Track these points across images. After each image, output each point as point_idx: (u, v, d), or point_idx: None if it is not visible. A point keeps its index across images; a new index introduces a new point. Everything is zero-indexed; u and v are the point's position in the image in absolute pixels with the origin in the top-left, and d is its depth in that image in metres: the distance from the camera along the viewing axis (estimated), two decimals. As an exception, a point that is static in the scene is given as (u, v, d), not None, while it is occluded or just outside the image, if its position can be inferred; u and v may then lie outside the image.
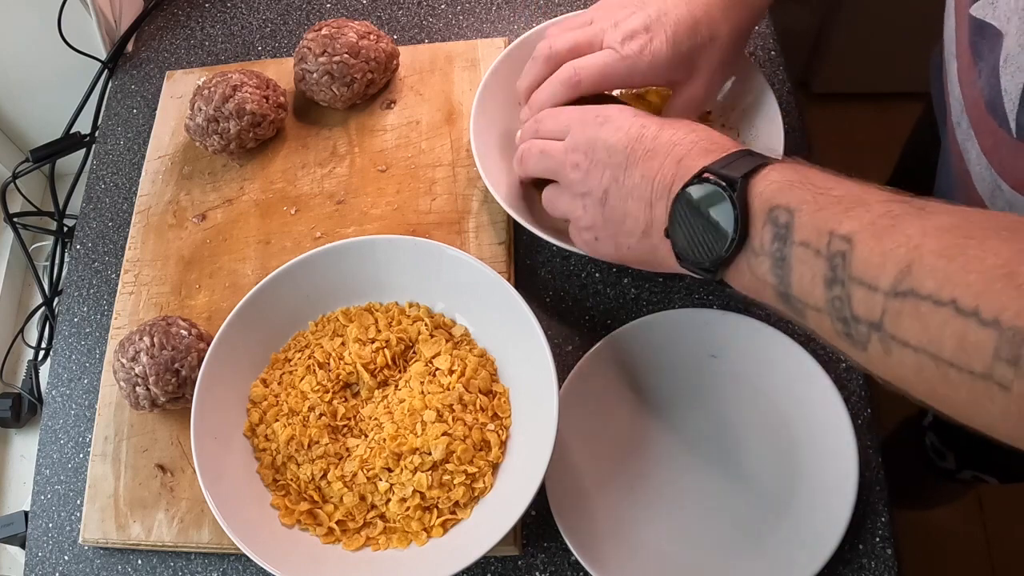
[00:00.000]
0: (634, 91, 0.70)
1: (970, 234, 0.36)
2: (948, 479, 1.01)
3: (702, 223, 0.46)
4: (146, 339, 0.64)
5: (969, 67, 0.51)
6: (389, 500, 0.57)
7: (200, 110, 0.75)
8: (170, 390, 0.63)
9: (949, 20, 0.56)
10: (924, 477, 1.05)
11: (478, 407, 0.59)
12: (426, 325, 0.63)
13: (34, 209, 0.96)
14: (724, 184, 0.45)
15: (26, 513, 0.69)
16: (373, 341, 0.63)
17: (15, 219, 0.91)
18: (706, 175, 0.46)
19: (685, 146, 0.50)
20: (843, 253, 0.39)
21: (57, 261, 0.91)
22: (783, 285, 0.43)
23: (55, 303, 0.89)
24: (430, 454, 0.57)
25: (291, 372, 0.63)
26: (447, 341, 0.62)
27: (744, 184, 0.45)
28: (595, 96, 0.61)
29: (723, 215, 0.45)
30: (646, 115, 0.54)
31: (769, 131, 0.68)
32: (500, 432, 0.58)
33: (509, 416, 0.60)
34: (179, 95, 0.83)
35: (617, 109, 0.55)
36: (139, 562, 0.64)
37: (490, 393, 0.61)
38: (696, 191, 0.47)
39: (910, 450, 1.02)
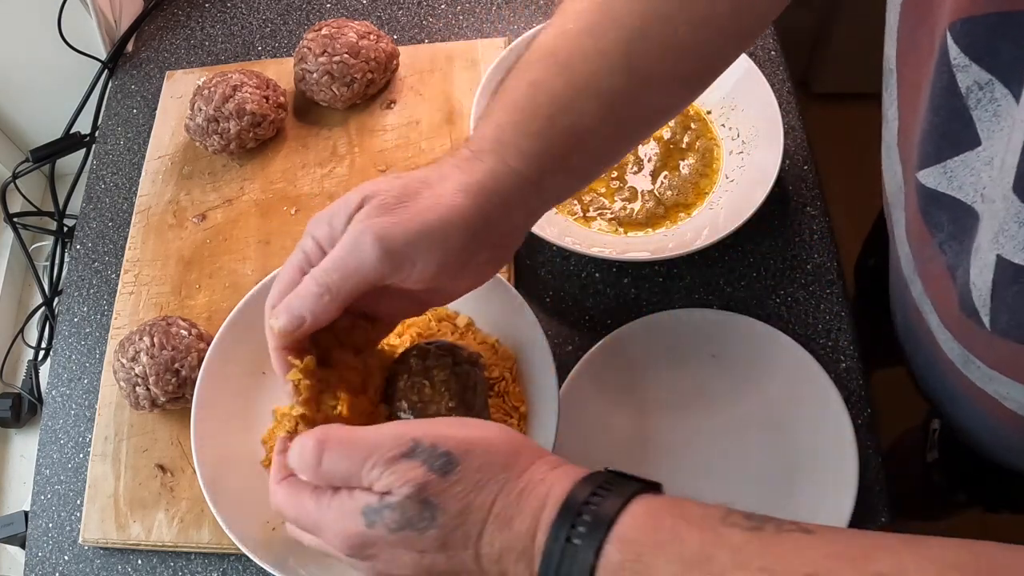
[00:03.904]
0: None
1: None
2: (956, 507, 0.99)
3: None
4: (146, 339, 0.64)
5: (924, 237, 0.45)
6: None
7: (200, 110, 0.75)
8: (170, 390, 0.63)
9: (891, 156, 0.49)
10: (930, 503, 1.03)
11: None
12: (429, 317, 0.63)
13: (34, 209, 0.96)
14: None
15: (26, 513, 0.69)
16: None
17: (15, 219, 0.91)
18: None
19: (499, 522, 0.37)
20: None
21: (57, 261, 0.91)
22: None
23: (55, 303, 0.89)
24: None
25: None
26: (452, 333, 0.62)
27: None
28: None
29: None
30: (434, 488, 0.37)
31: (769, 131, 0.68)
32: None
33: (525, 404, 0.58)
34: (179, 95, 0.83)
35: (328, 522, 0.40)
36: (139, 562, 0.64)
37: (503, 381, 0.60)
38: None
39: (913, 477, 1.00)
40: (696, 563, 0.33)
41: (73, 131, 0.88)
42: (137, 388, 0.63)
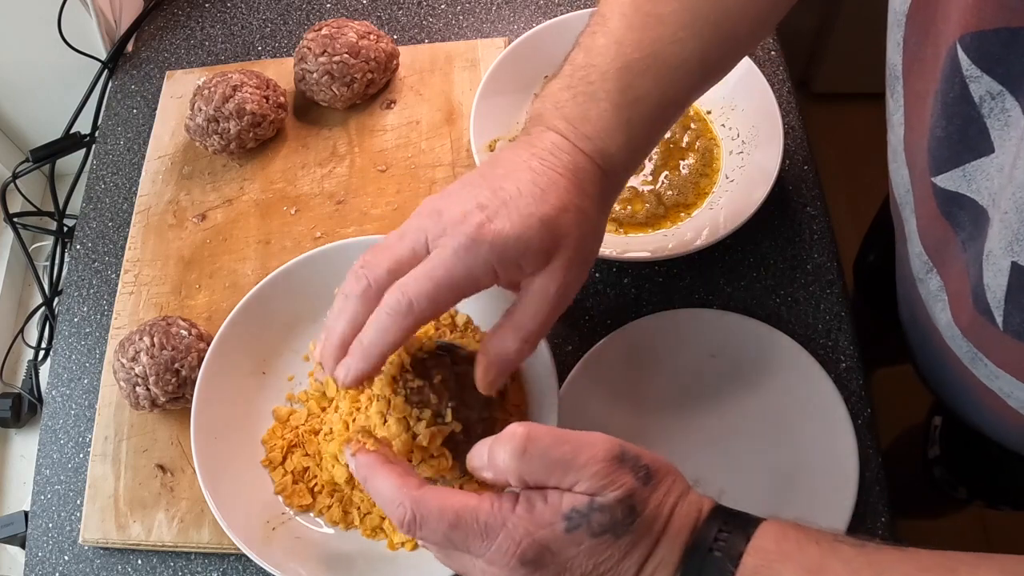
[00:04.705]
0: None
1: None
2: (957, 505, 0.99)
3: None
4: (146, 339, 0.64)
5: (945, 238, 0.47)
6: None
7: (200, 110, 0.75)
8: (170, 390, 0.63)
9: (898, 159, 0.51)
10: (930, 500, 1.03)
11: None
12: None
13: (34, 209, 0.96)
14: None
15: (26, 513, 0.69)
16: None
17: (15, 219, 0.91)
18: None
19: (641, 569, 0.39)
20: None
21: (57, 261, 0.91)
22: None
23: (55, 303, 0.89)
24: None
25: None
26: (452, 332, 0.62)
27: None
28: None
29: None
30: (585, 544, 0.38)
31: (769, 131, 0.68)
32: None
33: (525, 403, 0.59)
34: (179, 95, 0.83)
35: (537, 542, 0.39)
36: (139, 562, 0.64)
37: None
38: None
39: (914, 474, 1.01)
40: (815, 571, 0.37)
41: (73, 131, 0.88)
42: (137, 388, 0.63)
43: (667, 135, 0.73)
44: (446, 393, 0.49)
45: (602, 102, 0.48)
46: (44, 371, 0.89)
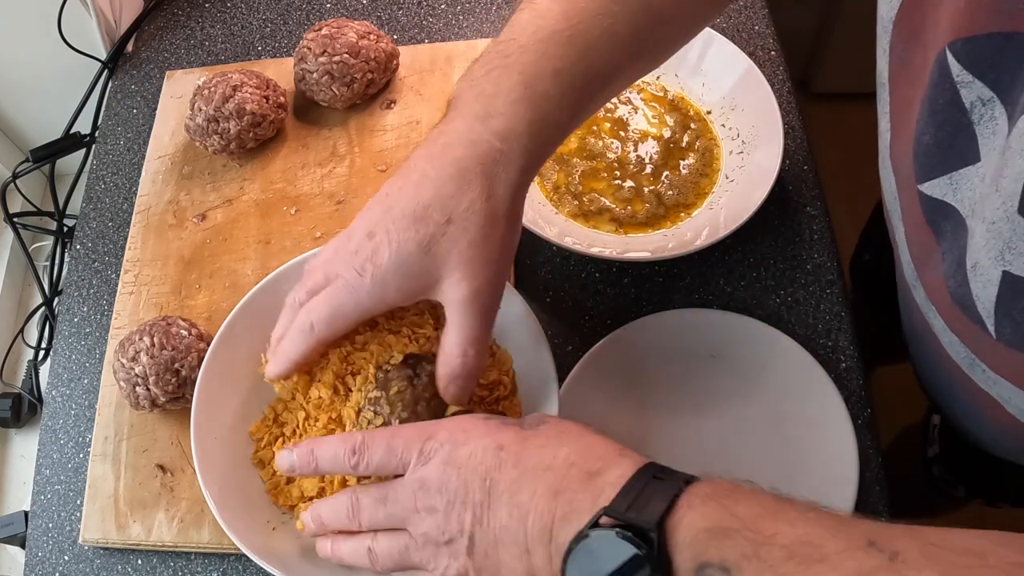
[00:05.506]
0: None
1: None
2: (956, 504, 0.99)
3: None
4: (146, 339, 0.64)
5: (927, 247, 0.47)
6: None
7: (200, 110, 0.75)
8: (170, 390, 0.63)
9: (885, 166, 0.51)
10: (930, 500, 1.03)
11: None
12: (428, 316, 0.63)
13: (34, 209, 0.96)
14: (633, 537, 0.35)
15: (26, 513, 0.69)
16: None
17: (15, 219, 0.91)
18: (606, 521, 0.36)
19: (559, 470, 0.39)
20: None
21: (57, 261, 0.91)
22: None
23: (55, 303, 0.89)
24: None
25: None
26: None
27: (661, 534, 0.35)
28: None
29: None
30: (503, 426, 0.43)
31: (769, 131, 0.68)
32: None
33: (520, 413, 0.58)
34: (179, 95, 0.83)
35: (463, 427, 0.43)
36: (139, 562, 0.64)
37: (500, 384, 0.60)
38: (596, 544, 0.36)
39: (913, 474, 1.01)
40: (773, 512, 0.36)
41: (73, 131, 0.88)
42: (137, 388, 0.63)
43: (667, 135, 0.73)
44: (399, 404, 0.50)
45: (515, 75, 0.46)
46: (44, 371, 0.89)
